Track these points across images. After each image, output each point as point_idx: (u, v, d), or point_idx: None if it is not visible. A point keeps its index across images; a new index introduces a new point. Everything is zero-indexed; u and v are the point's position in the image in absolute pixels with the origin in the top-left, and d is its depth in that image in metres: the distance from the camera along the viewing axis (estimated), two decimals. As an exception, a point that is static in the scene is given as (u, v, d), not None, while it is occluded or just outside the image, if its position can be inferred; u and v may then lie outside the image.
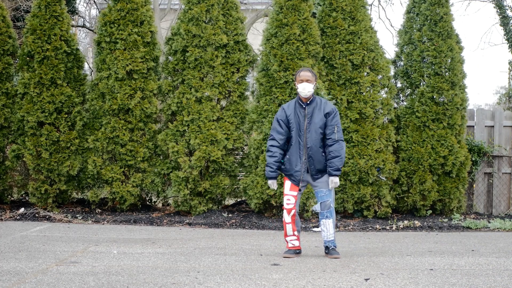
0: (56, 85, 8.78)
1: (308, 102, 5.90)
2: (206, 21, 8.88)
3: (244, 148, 9.00)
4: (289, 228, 5.98)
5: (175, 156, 8.63)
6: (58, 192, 8.81)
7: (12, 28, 9.20)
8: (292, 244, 6.06)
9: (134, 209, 9.00)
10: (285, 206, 5.95)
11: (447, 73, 8.93)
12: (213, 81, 8.75)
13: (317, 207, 5.94)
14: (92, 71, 15.75)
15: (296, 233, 6.02)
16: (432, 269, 5.61)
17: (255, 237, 7.41)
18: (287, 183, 5.97)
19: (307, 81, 5.83)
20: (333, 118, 5.86)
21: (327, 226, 5.93)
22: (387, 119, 8.97)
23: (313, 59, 8.66)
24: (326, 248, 6.06)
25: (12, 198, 9.37)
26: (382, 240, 7.39)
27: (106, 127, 8.72)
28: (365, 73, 8.80)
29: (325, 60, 8.83)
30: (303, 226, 8.20)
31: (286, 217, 5.96)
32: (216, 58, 8.73)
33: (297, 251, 6.09)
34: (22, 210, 8.73)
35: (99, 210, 8.89)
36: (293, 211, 5.93)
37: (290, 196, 5.93)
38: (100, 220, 8.42)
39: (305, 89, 5.83)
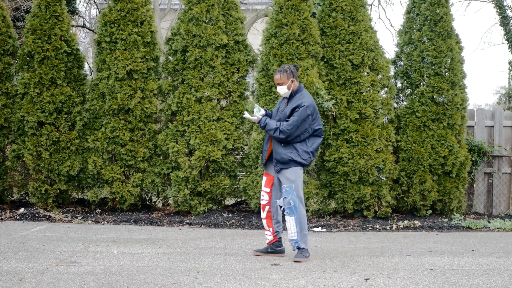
0: (56, 85, 8.78)
1: (288, 97, 6.03)
2: (206, 21, 8.88)
3: (244, 148, 9.00)
4: (264, 223, 6.12)
5: (175, 156, 8.63)
6: (58, 192, 8.81)
7: (12, 28, 9.19)
8: (267, 239, 6.16)
9: (134, 209, 9.01)
10: (260, 202, 6.15)
11: (447, 73, 8.93)
12: (213, 81, 8.75)
13: (280, 202, 5.96)
14: (92, 71, 15.75)
15: (271, 229, 6.07)
16: (432, 269, 5.62)
17: (255, 237, 7.41)
18: (263, 178, 6.11)
19: (278, 84, 5.98)
20: (297, 111, 5.85)
21: (289, 223, 5.89)
22: (387, 119, 8.97)
23: (313, 59, 8.66)
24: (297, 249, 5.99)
25: (12, 198, 9.37)
26: (382, 240, 7.39)
27: (106, 127, 8.72)
28: (365, 73, 8.80)
29: (325, 60, 8.83)
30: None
31: (261, 213, 6.12)
32: (216, 58, 8.74)
33: (269, 250, 6.12)
34: (22, 210, 8.73)
35: (99, 210, 8.89)
36: (267, 207, 6.05)
37: (263, 192, 6.09)
38: (100, 220, 8.42)
39: (279, 91, 6.02)
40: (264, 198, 6.07)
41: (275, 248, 6.13)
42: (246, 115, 6.07)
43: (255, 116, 6.01)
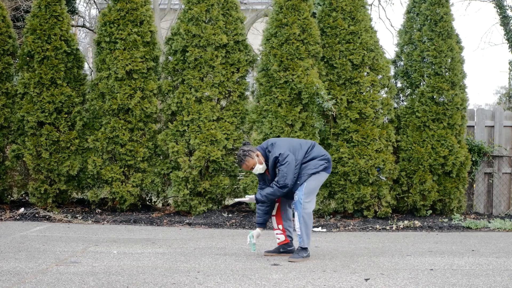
0: (56, 85, 8.77)
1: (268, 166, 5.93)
2: (206, 21, 8.88)
3: (244, 148, 8.98)
4: (273, 220, 6.15)
5: (175, 156, 8.63)
6: (58, 192, 8.80)
7: (12, 28, 9.19)
8: (278, 239, 6.15)
9: (134, 209, 9.00)
10: None
11: (447, 73, 8.93)
12: (213, 81, 8.75)
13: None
14: (92, 71, 15.74)
15: (281, 226, 6.09)
16: (432, 269, 5.61)
17: (255, 237, 7.40)
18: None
19: (251, 169, 5.86)
20: (278, 165, 5.79)
21: (295, 217, 5.88)
22: (387, 119, 8.96)
23: (313, 59, 8.66)
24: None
25: (12, 198, 9.37)
26: (382, 240, 7.38)
27: (106, 127, 8.72)
28: (365, 73, 8.79)
29: (325, 60, 8.83)
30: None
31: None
32: (216, 58, 8.73)
33: (280, 250, 6.15)
34: (22, 210, 8.73)
35: (99, 210, 8.88)
36: (276, 204, 6.07)
37: None
38: (100, 220, 8.42)
39: (257, 172, 5.88)
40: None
41: (287, 248, 6.15)
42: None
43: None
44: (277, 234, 6.14)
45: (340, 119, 8.65)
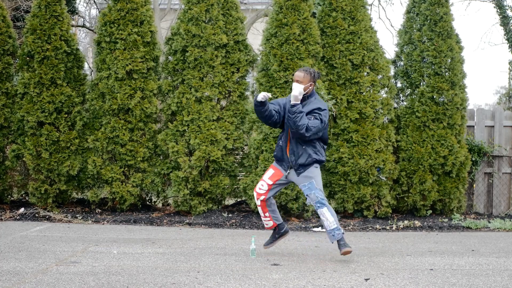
0: (56, 85, 8.78)
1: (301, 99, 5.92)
2: (206, 21, 8.88)
3: (244, 148, 9.00)
4: (259, 210, 6.22)
5: (175, 156, 8.63)
6: (58, 192, 8.81)
7: (12, 28, 9.19)
8: (266, 224, 6.29)
9: (134, 209, 9.00)
10: (256, 189, 6.12)
11: (447, 73, 8.93)
12: (213, 81, 8.75)
13: (308, 201, 6.01)
14: (92, 71, 15.74)
15: (267, 214, 6.19)
16: (432, 269, 5.62)
17: (255, 237, 7.40)
18: (270, 170, 6.10)
19: (297, 81, 5.88)
20: (319, 113, 5.85)
21: (325, 215, 5.85)
22: (387, 119, 8.97)
23: (313, 59, 8.66)
24: (337, 243, 5.93)
25: (12, 198, 9.37)
26: (382, 240, 7.39)
27: (106, 127, 8.72)
28: (365, 73, 8.79)
29: (325, 60, 8.83)
30: (303, 226, 8.21)
31: (256, 201, 6.17)
32: (216, 58, 8.73)
33: (276, 236, 6.31)
34: (22, 210, 8.73)
35: (99, 210, 8.88)
36: (262, 197, 6.09)
37: (264, 182, 6.07)
38: (100, 220, 8.42)
39: (294, 89, 5.84)
40: (263, 188, 6.06)
41: (280, 231, 6.28)
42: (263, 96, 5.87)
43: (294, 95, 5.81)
44: (264, 220, 6.24)
45: (340, 119, 8.65)
